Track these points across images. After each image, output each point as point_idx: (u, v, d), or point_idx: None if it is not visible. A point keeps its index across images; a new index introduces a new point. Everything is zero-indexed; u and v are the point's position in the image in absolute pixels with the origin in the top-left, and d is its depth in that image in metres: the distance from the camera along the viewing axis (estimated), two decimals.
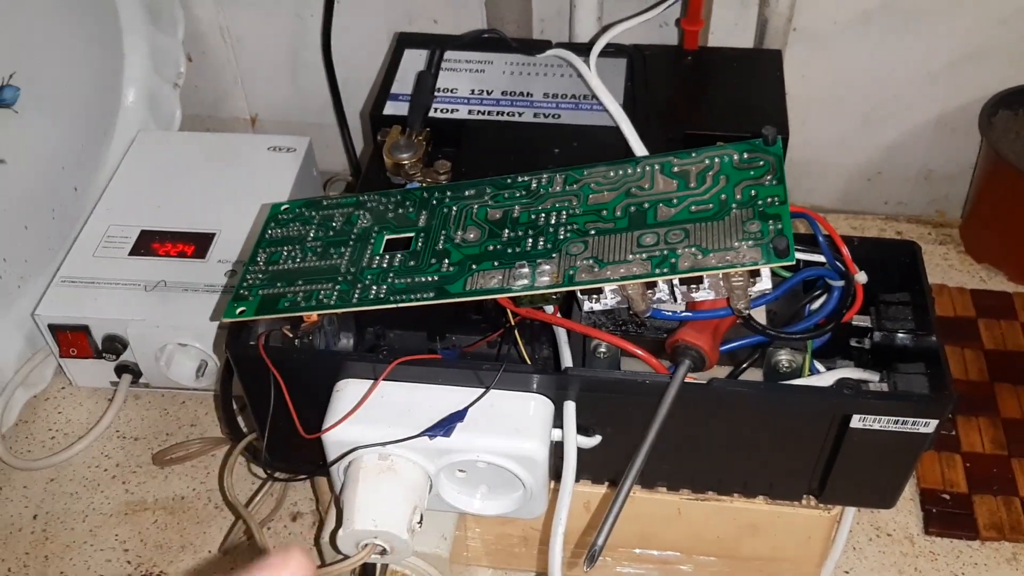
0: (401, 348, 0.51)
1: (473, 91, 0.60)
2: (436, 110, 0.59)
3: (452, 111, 0.59)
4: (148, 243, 0.66)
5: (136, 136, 0.74)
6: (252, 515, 0.52)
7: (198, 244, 0.66)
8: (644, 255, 0.40)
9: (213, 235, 0.66)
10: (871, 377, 0.46)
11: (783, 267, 0.40)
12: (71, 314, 0.62)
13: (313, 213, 0.48)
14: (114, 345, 0.63)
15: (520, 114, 0.59)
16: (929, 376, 0.44)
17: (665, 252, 0.40)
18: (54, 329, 0.63)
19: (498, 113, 0.59)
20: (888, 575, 0.56)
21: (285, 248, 0.47)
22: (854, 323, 0.47)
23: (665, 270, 0.39)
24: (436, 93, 0.60)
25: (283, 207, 0.49)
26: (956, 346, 0.67)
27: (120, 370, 0.65)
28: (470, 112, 0.59)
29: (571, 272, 0.40)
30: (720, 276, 0.39)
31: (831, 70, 0.73)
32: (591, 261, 0.41)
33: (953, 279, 0.73)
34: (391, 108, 0.60)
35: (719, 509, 0.49)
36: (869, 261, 0.47)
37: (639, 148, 0.53)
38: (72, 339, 0.63)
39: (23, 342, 0.66)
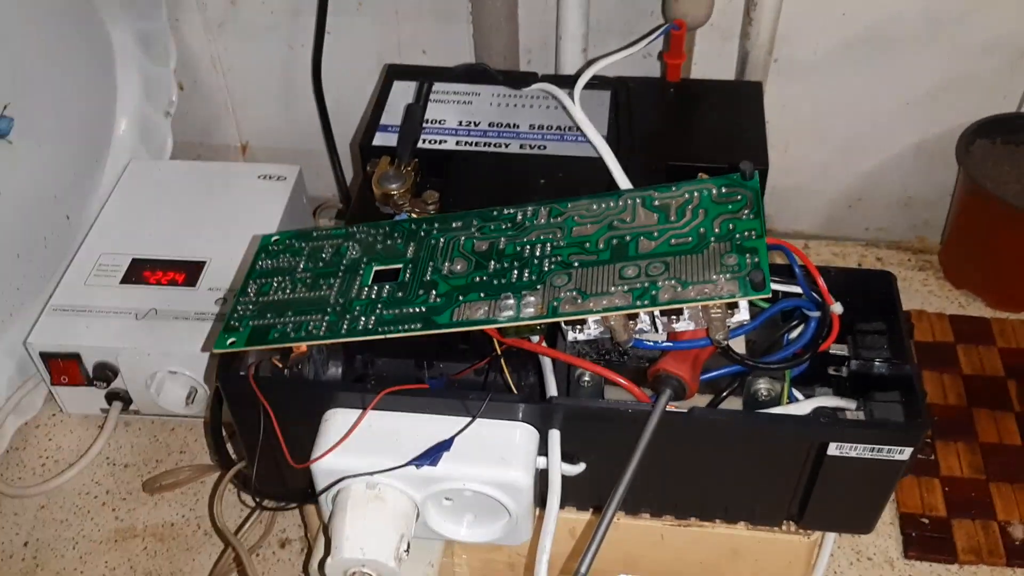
0: (389, 375, 0.52)
1: (461, 122, 0.61)
2: (424, 141, 0.60)
3: (440, 142, 0.60)
4: (139, 271, 0.67)
5: (128, 165, 0.75)
6: (241, 542, 0.52)
7: (188, 272, 0.66)
8: (626, 287, 0.41)
9: (203, 263, 0.67)
10: (848, 405, 0.47)
11: (761, 298, 0.41)
12: (63, 342, 0.63)
13: (303, 244, 0.49)
14: (105, 373, 0.63)
15: (507, 145, 0.60)
16: (904, 404, 0.45)
17: (646, 284, 0.41)
18: (46, 357, 0.63)
19: (485, 144, 0.60)
20: None
21: (275, 279, 0.47)
22: (832, 351, 0.48)
23: (646, 302, 0.40)
24: (424, 124, 0.61)
25: (273, 239, 0.50)
26: (935, 371, 0.68)
27: (111, 397, 0.65)
28: (458, 143, 0.60)
29: (555, 303, 0.41)
30: (699, 308, 0.41)
31: (812, 99, 0.75)
32: (575, 292, 0.42)
33: (932, 304, 0.74)
34: (380, 139, 0.61)
35: (702, 535, 0.50)
36: (846, 290, 0.48)
37: (622, 179, 0.54)
38: (63, 367, 0.64)
39: (14, 369, 0.67)
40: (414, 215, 0.54)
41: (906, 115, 0.75)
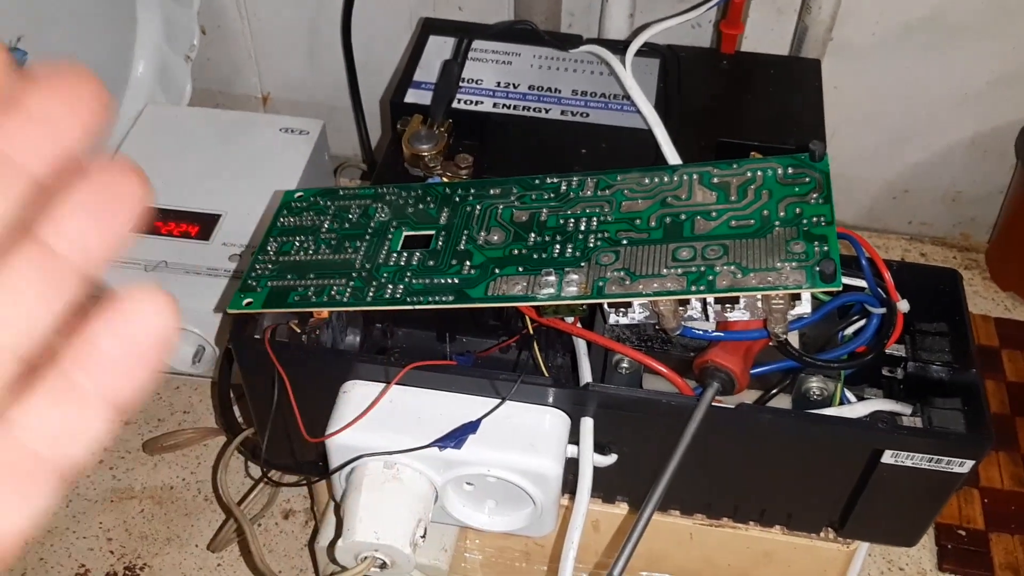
0: (409, 347, 0.49)
1: (499, 83, 0.57)
2: (459, 101, 0.56)
3: (476, 103, 0.56)
4: (150, 221, 0.63)
5: (144, 109, 0.72)
6: (244, 514, 0.50)
7: (203, 225, 0.63)
8: (679, 270, 0.38)
9: (218, 216, 0.63)
10: (903, 410, 0.43)
11: (826, 292, 0.38)
12: None
13: (328, 203, 0.46)
14: None
15: (547, 110, 0.56)
16: (966, 413, 0.41)
17: (702, 268, 0.37)
18: None
19: (524, 108, 0.56)
20: None
21: (297, 238, 0.44)
22: (888, 352, 0.45)
23: (701, 287, 0.37)
24: (461, 83, 0.57)
25: (296, 195, 0.47)
26: None
27: None
28: (495, 105, 0.56)
29: (600, 283, 0.38)
30: (758, 297, 0.37)
31: (865, 83, 0.71)
32: (622, 273, 0.38)
33: (977, 306, 0.71)
34: (412, 96, 0.57)
35: (734, 536, 0.47)
36: (907, 287, 0.45)
37: (671, 154, 0.51)
38: None
39: None
40: (445, 179, 0.51)
41: (963, 107, 0.71)
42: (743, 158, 0.42)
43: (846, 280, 0.42)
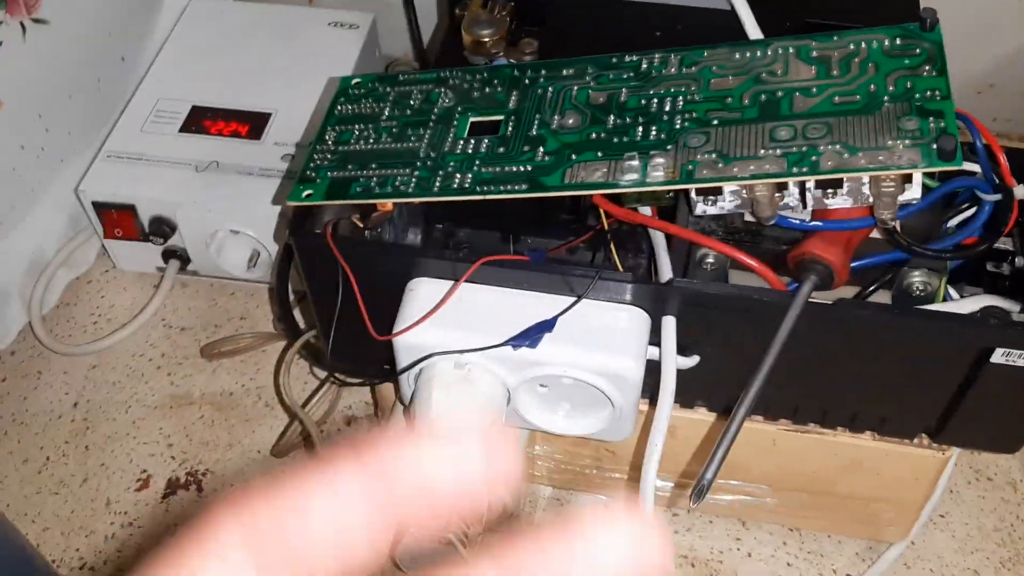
0: (474, 247, 0.47)
1: None
2: None
3: None
4: (199, 120, 0.61)
5: (188, 4, 0.69)
6: (309, 416, 0.48)
7: (253, 124, 0.61)
8: (779, 151, 0.34)
9: (269, 115, 0.61)
10: (1012, 307, 0.40)
11: (943, 170, 0.34)
12: (117, 192, 0.58)
13: (388, 89, 0.43)
14: (162, 228, 0.58)
15: None
16: None
17: (804, 149, 0.34)
18: (98, 207, 0.58)
19: None
20: (987, 522, 0.52)
21: (357, 127, 0.41)
22: (995, 245, 0.41)
23: (804, 170, 0.33)
24: None
25: (354, 81, 0.44)
26: None
27: (167, 255, 0.60)
28: None
29: (690, 167, 0.35)
30: (864, 181, 0.34)
31: None
32: (714, 155, 0.35)
33: None
34: None
35: (819, 442, 0.44)
36: (1017, 174, 0.41)
37: (755, 35, 0.47)
38: (117, 219, 0.59)
39: (66, 220, 0.63)
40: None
41: None
42: (844, 30, 0.38)
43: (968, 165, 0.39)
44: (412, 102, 0.42)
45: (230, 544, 0.13)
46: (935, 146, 0.32)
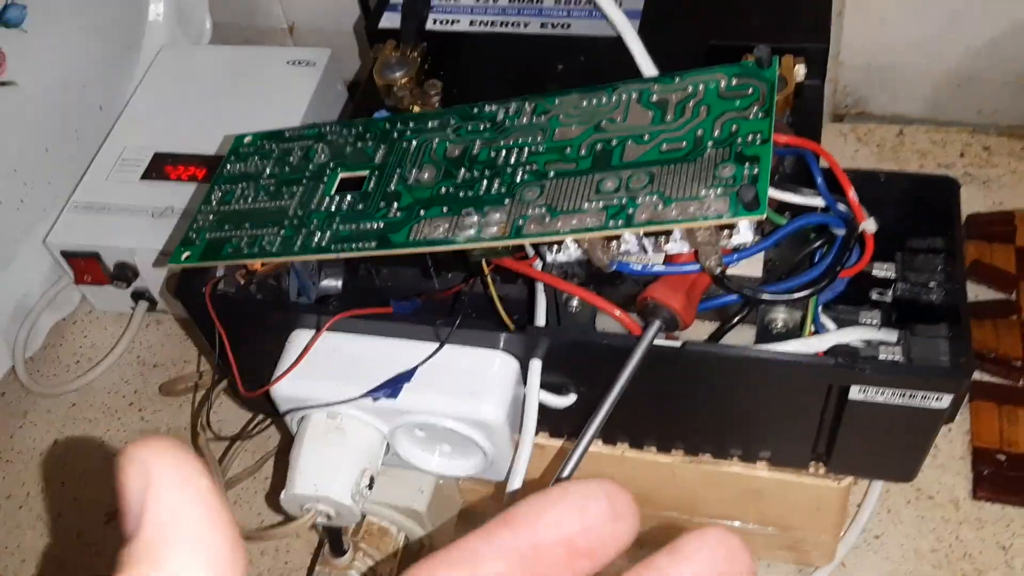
0: (395, 286, 0.48)
1: None
2: (435, 22, 0.54)
3: (452, 22, 0.53)
4: (161, 166, 0.64)
5: (159, 51, 0.72)
6: (220, 468, 0.51)
7: (209, 167, 0.63)
8: (600, 203, 0.35)
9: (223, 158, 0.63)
10: (888, 337, 0.39)
11: (778, 213, 0.34)
12: (81, 241, 0.61)
13: (273, 146, 0.45)
14: (125, 273, 0.62)
15: (526, 24, 0.53)
16: (951, 340, 0.37)
17: (624, 201, 0.34)
18: (66, 256, 0.62)
19: (503, 24, 0.53)
20: (925, 543, 0.51)
21: (240, 186, 0.43)
22: (875, 273, 0.41)
23: (620, 222, 0.34)
24: (435, 1, 0.54)
25: (246, 139, 0.46)
26: None
27: (136, 296, 0.64)
28: (472, 23, 0.53)
29: (520, 223, 0.36)
30: (682, 231, 0.34)
31: None
32: (543, 210, 0.36)
33: None
34: (388, 20, 0.54)
35: (716, 473, 0.44)
36: (901, 198, 0.40)
37: (646, 63, 0.47)
38: (85, 266, 0.62)
39: (49, 265, 0.66)
40: (415, 109, 0.49)
41: None
42: (689, 70, 0.38)
43: (808, 201, 0.38)
44: (291, 159, 0.43)
45: None
46: (739, 195, 0.32)
